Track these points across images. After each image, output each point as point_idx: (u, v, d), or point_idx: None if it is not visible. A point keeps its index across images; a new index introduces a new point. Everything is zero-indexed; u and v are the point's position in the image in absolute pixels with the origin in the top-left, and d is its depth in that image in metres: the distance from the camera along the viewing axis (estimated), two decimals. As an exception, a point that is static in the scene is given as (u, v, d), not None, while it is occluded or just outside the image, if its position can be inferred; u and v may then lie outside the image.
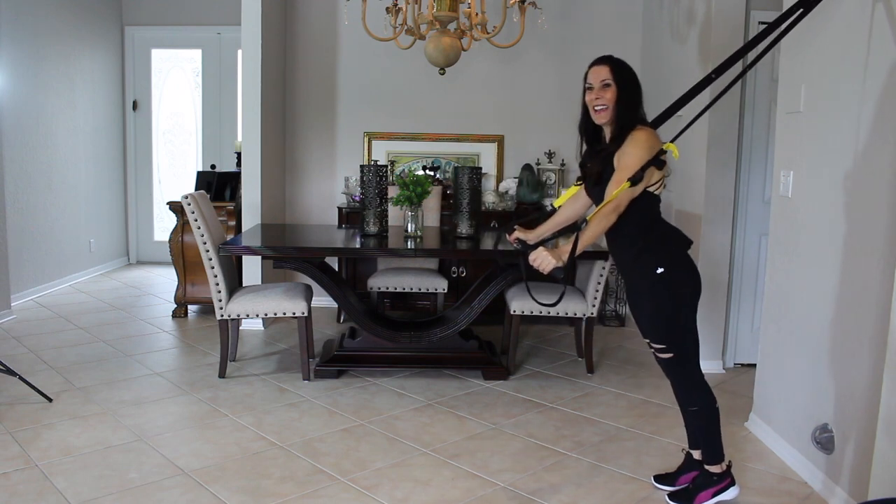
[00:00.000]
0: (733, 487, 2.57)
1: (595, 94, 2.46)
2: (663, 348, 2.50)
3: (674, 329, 2.48)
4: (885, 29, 2.36)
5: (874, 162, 2.42)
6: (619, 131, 2.42)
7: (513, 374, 4.00)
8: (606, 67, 2.45)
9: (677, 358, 2.50)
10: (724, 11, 3.88)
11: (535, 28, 4.95)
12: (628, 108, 2.43)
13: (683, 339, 2.49)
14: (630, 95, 2.44)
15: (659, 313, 2.48)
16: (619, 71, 2.45)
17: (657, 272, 2.43)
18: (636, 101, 2.46)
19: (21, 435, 3.02)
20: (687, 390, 2.56)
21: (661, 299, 2.46)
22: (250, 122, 4.75)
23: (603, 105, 2.44)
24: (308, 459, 2.88)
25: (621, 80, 2.44)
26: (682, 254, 2.50)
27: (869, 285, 2.44)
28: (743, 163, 4.06)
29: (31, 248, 5.55)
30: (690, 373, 2.53)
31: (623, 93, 2.43)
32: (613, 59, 2.49)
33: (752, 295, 4.13)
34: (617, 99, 2.43)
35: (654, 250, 2.46)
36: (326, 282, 3.79)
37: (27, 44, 5.48)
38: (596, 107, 2.46)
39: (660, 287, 2.45)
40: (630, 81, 2.45)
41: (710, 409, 2.53)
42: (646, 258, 2.46)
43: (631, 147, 2.36)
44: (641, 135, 2.37)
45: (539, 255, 2.33)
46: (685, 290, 2.47)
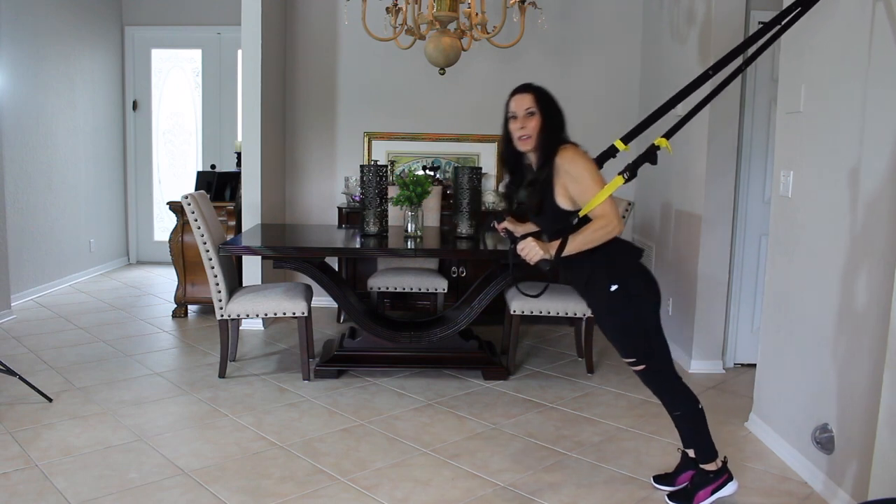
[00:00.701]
0: (731, 483, 2.57)
1: (519, 122, 2.49)
2: (633, 361, 2.52)
3: (639, 341, 2.49)
4: (885, 28, 2.36)
5: (874, 162, 2.42)
6: (545, 158, 2.45)
7: (513, 374, 4.00)
8: (529, 96, 2.49)
9: (649, 368, 2.52)
10: (724, 11, 3.88)
11: (535, 28, 4.95)
12: (553, 134, 2.46)
13: (651, 349, 2.50)
14: (554, 122, 2.47)
15: (622, 329, 2.51)
16: (542, 99, 2.49)
17: (611, 290, 2.45)
18: (560, 126, 2.49)
19: (21, 435, 3.02)
20: (667, 397, 2.57)
21: (621, 315, 2.48)
22: (250, 122, 4.75)
23: (527, 134, 2.47)
24: (308, 459, 2.88)
25: (545, 107, 2.47)
26: (633, 265, 2.51)
27: (869, 285, 2.44)
28: (743, 163, 4.06)
29: (31, 248, 5.56)
30: (666, 379, 2.54)
31: (547, 120, 2.46)
32: (535, 86, 2.52)
33: (752, 295, 4.13)
34: (542, 127, 2.46)
35: (604, 269, 2.47)
36: (326, 282, 3.79)
37: (27, 44, 5.48)
38: (521, 136, 2.49)
39: (617, 303, 2.46)
40: (553, 108, 2.49)
41: (693, 411, 2.54)
42: (597, 279, 2.48)
43: (571, 168, 2.38)
44: (568, 153, 2.40)
45: (527, 245, 2.35)
46: (643, 301, 2.48)
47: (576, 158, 2.39)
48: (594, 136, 3.49)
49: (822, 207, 2.75)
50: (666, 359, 2.53)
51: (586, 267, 2.48)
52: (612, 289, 2.44)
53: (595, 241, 2.36)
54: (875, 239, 2.41)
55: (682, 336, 4.28)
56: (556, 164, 2.41)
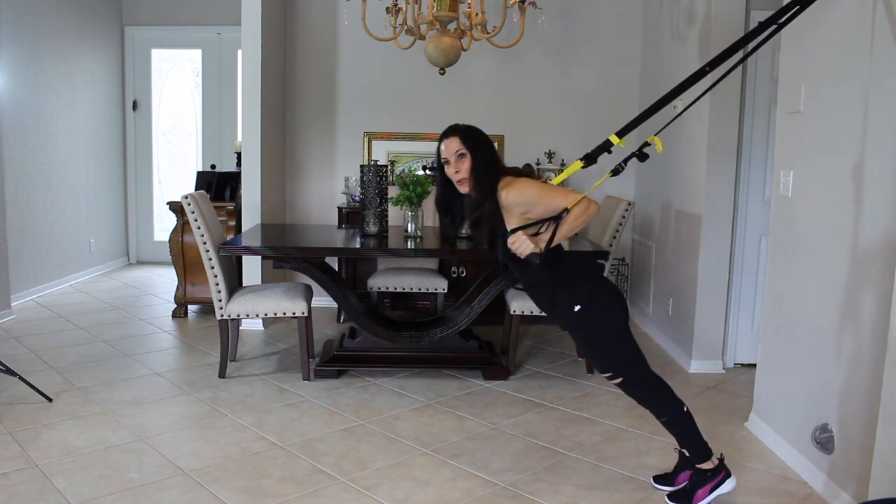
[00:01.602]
0: (729, 480, 2.57)
1: (453, 167, 2.51)
2: (610, 375, 2.53)
3: (610, 355, 2.51)
4: (885, 28, 2.36)
5: (874, 162, 2.42)
6: (486, 192, 2.45)
7: (513, 374, 4.00)
8: (456, 138, 2.52)
9: (626, 379, 2.53)
10: (724, 11, 3.88)
11: (535, 28, 4.95)
12: (487, 170, 2.48)
13: (624, 361, 2.51)
14: (485, 158, 2.49)
15: (593, 345, 2.54)
16: (469, 138, 2.51)
17: (574, 311, 2.46)
18: (492, 160, 2.51)
19: (21, 435, 3.02)
20: (651, 404, 2.58)
21: (590, 332, 2.51)
22: (250, 122, 4.75)
23: (462, 176, 2.50)
24: (308, 459, 2.88)
25: (473, 146, 2.49)
26: (594, 282, 2.53)
27: (869, 285, 2.43)
28: (743, 163, 4.06)
29: (31, 248, 5.56)
30: (646, 388, 2.55)
31: (478, 158, 2.48)
32: (461, 127, 2.56)
33: (752, 295, 4.13)
34: (473, 166, 2.48)
35: (563, 290, 2.49)
36: (326, 282, 3.79)
37: (27, 44, 5.48)
38: (458, 179, 2.51)
39: (582, 322, 2.48)
40: (481, 144, 2.51)
41: (679, 414, 2.55)
42: (560, 300, 2.50)
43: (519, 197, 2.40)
44: (510, 187, 2.42)
45: (518, 239, 2.36)
46: (608, 315, 2.49)
47: (520, 188, 2.41)
48: (594, 135, 3.49)
49: (822, 207, 2.75)
50: (641, 367, 2.54)
51: (549, 288, 2.51)
52: (575, 309, 2.47)
53: (580, 224, 2.39)
54: (875, 238, 2.41)
55: (682, 336, 4.28)
56: (502, 200, 2.42)
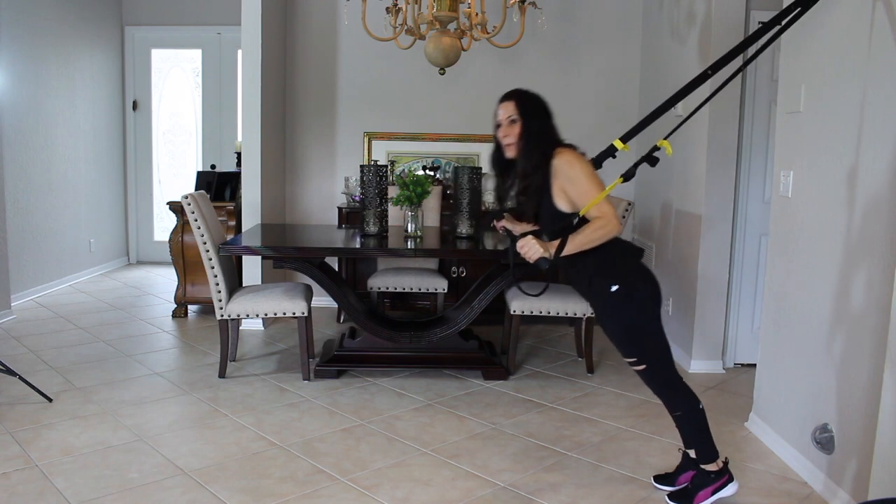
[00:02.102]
0: (732, 484, 2.58)
1: (503, 131, 2.53)
2: (634, 361, 2.52)
3: (639, 341, 2.50)
4: (885, 29, 2.36)
5: (874, 162, 2.42)
6: (536, 162, 2.45)
7: (513, 374, 4.00)
8: (511, 103, 2.53)
9: (649, 368, 2.52)
10: (724, 12, 3.88)
11: (535, 28, 4.95)
12: (538, 139, 2.47)
13: (651, 349, 2.50)
14: (537, 127, 2.48)
15: (623, 329, 2.51)
16: (524, 105, 2.51)
17: (612, 291, 2.45)
18: (544, 130, 2.49)
19: (21, 435, 3.02)
20: (667, 397, 2.57)
21: (622, 315, 2.49)
22: (250, 122, 4.75)
23: (510, 142, 2.50)
24: (308, 459, 2.88)
25: (526, 113, 2.49)
26: (634, 266, 2.52)
27: (869, 285, 2.44)
28: (743, 163, 4.06)
29: (31, 248, 5.56)
30: (666, 380, 2.55)
31: (529, 126, 2.48)
32: (518, 93, 2.55)
33: (752, 295, 4.13)
34: (522, 133, 2.48)
35: (605, 270, 2.47)
36: (326, 282, 3.79)
37: (27, 44, 5.48)
38: (506, 144, 2.52)
39: (618, 304, 2.47)
40: (536, 113, 2.50)
41: (694, 412, 2.54)
42: (598, 279, 2.49)
43: (568, 171, 2.39)
44: (565, 156, 2.41)
45: (527, 243, 2.35)
46: (643, 301, 2.48)
47: (573, 161, 2.40)
48: (594, 136, 3.49)
49: (822, 207, 2.75)
50: (667, 359, 2.53)
51: (588, 267, 2.49)
52: (612, 289, 2.44)
53: (594, 241, 2.36)
54: (875, 239, 2.41)
55: (682, 336, 4.28)
56: (553, 167, 2.42)
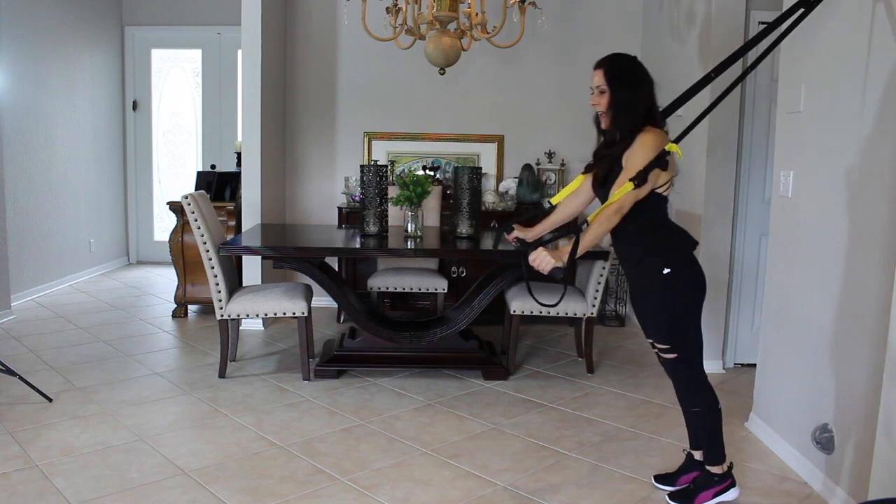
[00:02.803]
0: (734, 489, 2.57)
1: (593, 99, 2.47)
2: (667, 348, 2.50)
3: (678, 330, 2.48)
4: (885, 29, 2.36)
5: (874, 162, 2.42)
6: (624, 134, 2.41)
7: (513, 374, 4.00)
8: (601, 71, 2.44)
9: (681, 358, 2.50)
10: (724, 11, 3.88)
11: (535, 28, 4.95)
12: (624, 112, 2.40)
13: (687, 340, 2.49)
14: (625, 99, 2.40)
15: (664, 314, 2.47)
16: (613, 74, 2.42)
17: (663, 273, 2.42)
18: (634, 102, 2.40)
19: (21, 435, 3.02)
20: (690, 391, 2.55)
21: (667, 300, 2.45)
22: (250, 122, 4.75)
23: (600, 110, 2.46)
24: (308, 459, 2.88)
25: (615, 82, 2.41)
26: (689, 255, 2.49)
27: (869, 285, 2.43)
28: (743, 163, 4.06)
29: (31, 248, 5.55)
30: (694, 374, 2.53)
31: (618, 96, 2.40)
32: (609, 60, 2.46)
33: (752, 295, 4.13)
34: (610, 103, 2.42)
35: (660, 251, 2.45)
36: (326, 282, 3.79)
37: (27, 44, 5.48)
38: (598, 112, 2.48)
39: (665, 288, 2.44)
40: (627, 83, 2.41)
41: (712, 410, 2.53)
42: (651, 259, 2.45)
43: (638, 148, 2.35)
44: (648, 137, 2.35)
45: (539, 256, 2.33)
46: (690, 290, 2.47)
47: (647, 141, 2.33)
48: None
49: (822, 207, 2.75)
50: (699, 353, 2.52)
51: (641, 246, 2.46)
52: (664, 272, 2.42)
53: (602, 234, 2.35)
54: (874, 239, 2.41)
55: (682, 336, 4.28)
56: (635, 142, 2.37)
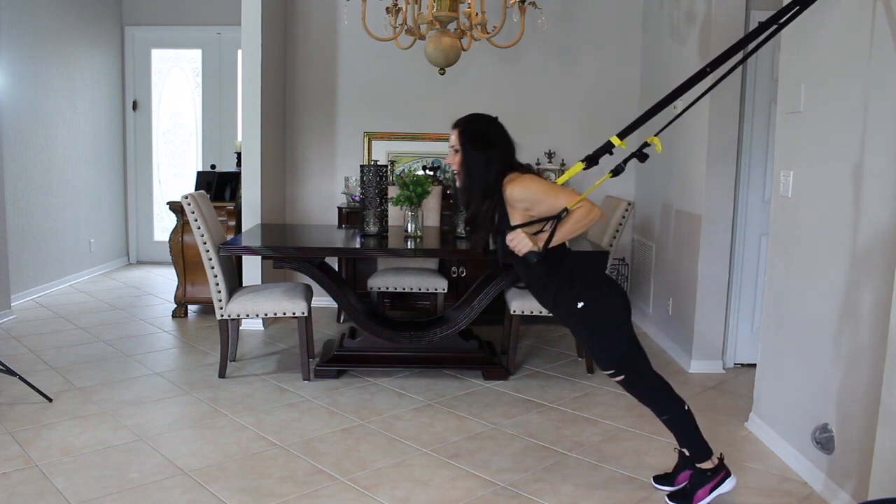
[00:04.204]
0: (729, 479, 2.57)
1: (449, 158, 2.55)
2: (613, 373, 2.53)
3: (613, 352, 2.51)
4: (885, 28, 2.36)
5: (874, 162, 2.42)
6: (477, 194, 2.45)
7: (513, 374, 4.00)
8: (455, 132, 2.53)
9: (628, 378, 2.53)
10: (724, 11, 3.88)
11: (535, 28, 4.95)
12: (477, 171, 2.45)
13: (626, 357, 2.51)
14: (477, 159, 2.45)
15: (595, 342, 2.53)
16: (467, 134, 2.49)
17: (578, 307, 2.46)
18: (487, 160, 2.45)
19: (21, 435, 3.02)
20: (651, 403, 2.57)
21: (592, 329, 2.50)
22: (250, 122, 4.75)
23: (455, 169, 2.52)
24: (308, 459, 2.88)
25: (468, 144, 2.47)
26: (596, 279, 2.53)
27: (869, 285, 2.43)
28: (743, 163, 4.06)
29: (31, 248, 5.56)
30: (647, 386, 2.55)
31: (469, 158, 2.47)
32: (462, 121, 2.54)
33: (752, 295, 4.13)
34: (462, 163, 2.48)
35: (566, 288, 2.48)
36: (326, 282, 3.79)
37: (27, 44, 5.48)
38: (454, 171, 2.54)
39: (586, 319, 2.48)
40: (479, 144, 2.46)
41: (680, 413, 2.55)
42: (562, 297, 2.50)
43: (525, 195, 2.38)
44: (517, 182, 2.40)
45: (516, 237, 2.35)
46: (611, 312, 2.49)
47: (526, 184, 2.40)
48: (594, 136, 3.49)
49: (822, 207, 2.75)
50: (644, 366, 2.54)
51: (552, 286, 2.51)
52: (578, 306, 2.47)
53: (580, 228, 2.38)
54: (875, 238, 2.41)
55: (682, 336, 4.28)
56: (507, 197, 2.41)
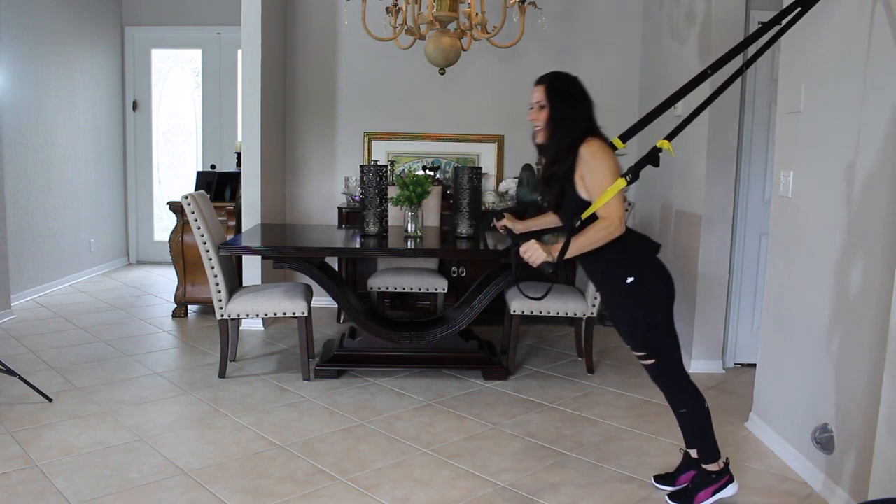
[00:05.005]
0: (732, 485, 2.57)
1: (532, 115, 2.50)
2: (644, 355, 2.51)
3: (651, 335, 2.49)
4: (884, 28, 2.36)
5: (874, 161, 2.42)
6: (561, 148, 2.43)
7: (513, 374, 4.00)
8: (541, 88, 2.49)
9: (659, 363, 2.51)
10: (724, 11, 3.88)
11: (535, 28, 4.95)
12: (561, 129, 2.44)
13: (662, 344, 2.49)
14: (563, 115, 2.44)
15: (635, 322, 2.49)
16: (554, 90, 2.46)
17: (627, 282, 2.44)
18: (572, 119, 2.44)
19: (21, 435, 3.02)
20: (674, 394, 2.56)
21: (636, 308, 2.47)
22: (250, 122, 4.75)
23: (537, 126, 2.48)
24: (308, 459, 2.88)
25: (555, 100, 2.45)
26: (651, 260, 2.51)
27: (869, 285, 2.44)
28: (743, 163, 4.06)
29: (31, 248, 5.56)
30: (674, 376, 2.54)
31: (556, 113, 2.44)
32: (551, 77, 2.51)
33: (752, 295, 4.13)
34: (548, 120, 2.45)
35: (621, 261, 2.46)
36: (326, 282, 3.79)
37: (27, 44, 5.48)
38: (534, 128, 2.50)
39: (632, 296, 2.46)
40: (566, 100, 2.45)
41: (699, 410, 2.54)
42: (614, 270, 2.47)
43: (591, 160, 2.37)
44: (594, 146, 2.38)
45: (530, 248, 2.34)
46: (658, 295, 2.47)
47: (596, 151, 2.37)
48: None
49: (822, 207, 2.75)
50: (676, 355, 2.52)
51: (602, 258, 2.47)
52: (627, 281, 2.43)
53: (597, 242, 2.36)
54: (875, 239, 2.41)
55: (682, 336, 4.25)
56: (579, 155, 2.39)
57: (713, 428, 2.56)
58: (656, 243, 2.53)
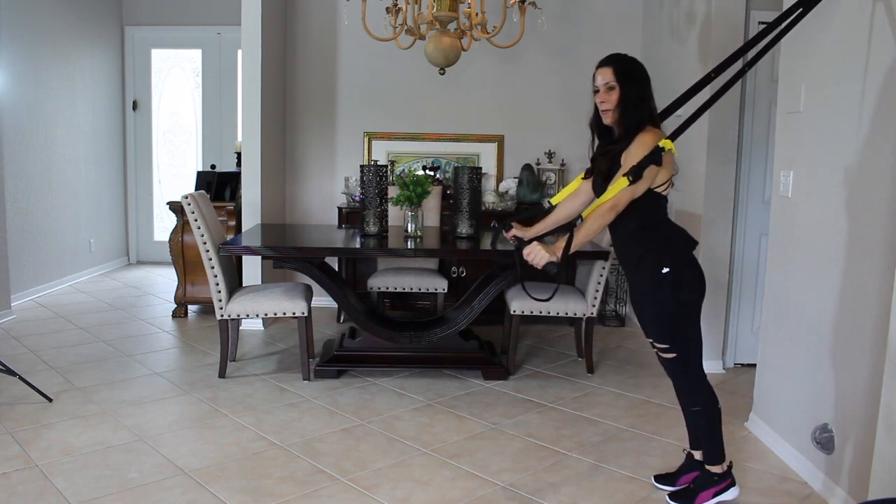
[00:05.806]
0: (734, 488, 2.57)
1: (600, 97, 2.45)
2: (667, 348, 2.50)
3: (678, 329, 2.48)
4: (885, 29, 2.36)
5: (874, 162, 2.42)
6: (626, 132, 2.41)
7: (513, 374, 4.00)
8: (610, 69, 2.44)
9: (680, 358, 2.50)
10: (724, 11, 3.88)
11: (535, 28, 4.95)
12: (633, 109, 2.41)
13: (687, 340, 2.49)
14: (634, 95, 2.41)
15: (663, 313, 2.47)
16: (623, 71, 2.42)
17: (662, 272, 2.42)
18: (641, 98, 2.42)
19: (21, 435, 3.02)
20: (689, 391, 2.55)
21: (666, 299, 2.45)
22: (250, 122, 4.75)
23: (608, 108, 2.44)
24: (308, 459, 2.88)
25: (625, 80, 2.41)
26: (688, 254, 2.49)
27: (869, 285, 2.44)
28: (743, 163, 4.06)
29: (31, 248, 5.55)
30: (693, 373, 2.53)
31: (627, 94, 2.40)
32: (618, 58, 2.46)
33: (752, 295, 4.13)
34: (619, 101, 2.41)
35: (659, 250, 2.45)
36: (326, 282, 3.79)
37: (27, 43, 5.48)
38: (603, 110, 2.46)
39: (665, 287, 2.44)
40: (635, 81, 2.42)
41: (712, 410, 2.53)
42: (651, 258, 2.45)
43: (634, 148, 2.36)
44: (647, 137, 2.36)
45: (533, 250, 2.34)
46: (690, 290, 2.46)
47: (645, 141, 2.34)
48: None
49: (822, 207, 2.75)
50: (698, 351, 2.52)
51: (641, 246, 2.47)
52: (663, 271, 2.42)
53: (594, 231, 2.36)
54: (875, 239, 2.41)
55: (682, 336, 4.28)
56: (633, 142, 2.38)
57: (722, 430, 2.56)
58: (694, 239, 2.52)
